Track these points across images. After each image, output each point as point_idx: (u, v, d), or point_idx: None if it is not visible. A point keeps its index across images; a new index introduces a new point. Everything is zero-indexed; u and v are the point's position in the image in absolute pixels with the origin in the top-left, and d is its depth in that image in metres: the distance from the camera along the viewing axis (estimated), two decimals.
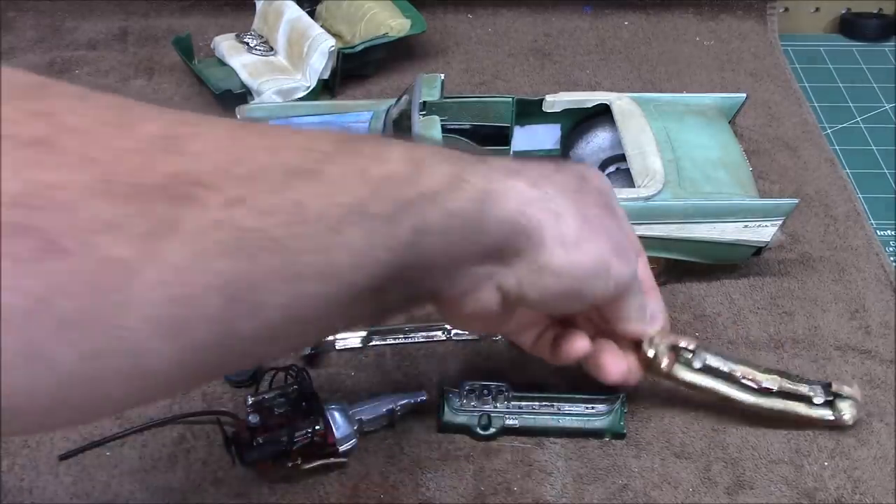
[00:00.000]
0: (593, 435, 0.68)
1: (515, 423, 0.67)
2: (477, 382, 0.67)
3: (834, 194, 1.03)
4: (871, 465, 0.75)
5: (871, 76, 1.30)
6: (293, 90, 1.13)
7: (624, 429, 0.69)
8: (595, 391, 0.66)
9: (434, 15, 1.30)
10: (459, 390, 0.67)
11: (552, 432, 0.68)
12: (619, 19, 1.34)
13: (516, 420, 0.67)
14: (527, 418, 0.67)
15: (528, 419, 0.67)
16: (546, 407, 0.67)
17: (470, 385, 0.67)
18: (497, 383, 0.67)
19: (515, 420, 0.67)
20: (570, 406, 0.68)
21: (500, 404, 0.66)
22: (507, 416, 0.66)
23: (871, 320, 0.88)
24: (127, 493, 0.70)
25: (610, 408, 0.68)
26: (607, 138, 1.00)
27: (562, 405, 0.67)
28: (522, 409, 0.66)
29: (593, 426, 0.68)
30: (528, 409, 0.67)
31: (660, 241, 0.86)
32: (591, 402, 0.67)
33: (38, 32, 1.29)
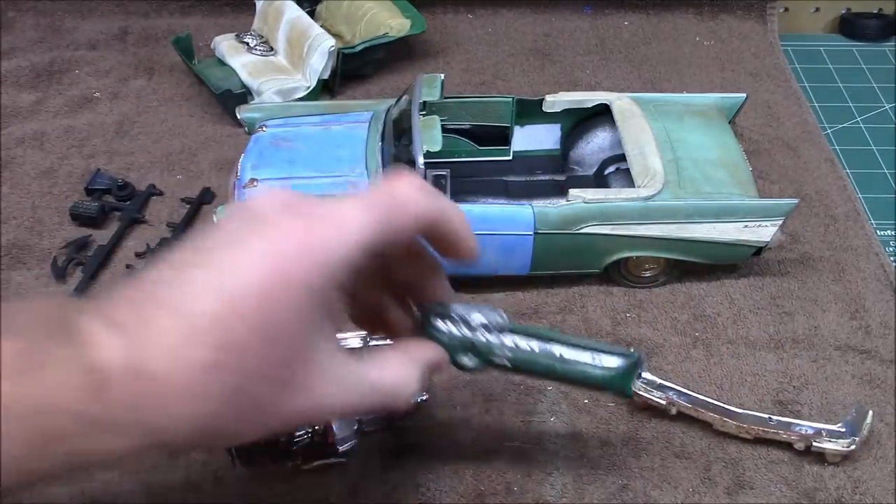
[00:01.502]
0: (594, 388, 0.58)
1: (505, 361, 0.56)
2: (470, 309, 0.54)
3: (834, 194, 1.03)
4: (871, 465, 0.75)
5: (871, 76, 1.30)
6: (293, 90, 1.13)
7: (631, 390, 0.59)
8: (607, 344, 0.58)
9: (434, 15, 1.30)
10: (445, 313, 0.54)
11: (547, 375, 0.57)
12: (619, 19, 1.34)
13: (507, 358, 0.56)
14: (520, 358, 0.56)
15: (522, 359, 0.56)
16: (544, 350, 0.56)
17: (461, 310, 0.54)
18: (494, 315, 0.55)
19: (506, 358, 0.56)
20: (572, 353, 0.57)
21: (492, 337, 0.55)
22: (496, 351, 0.55)
23: (871, 320, 0.88)
24: (127, 493, 0.70)
25: (620, 365, 0.58)
26: (607, 138, 1.00)
27: (564, 350, 0.56)
28: (517, 347, 0.55)
29: (595, 379, 0.57)
30: (523, 350, 0.56)
31: (660, 241, 0.86)
32: (597, 352, 0.57)
33: (38, 32, 1.29)
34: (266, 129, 0.95)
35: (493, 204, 0.90)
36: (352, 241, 0.41)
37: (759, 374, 0.82)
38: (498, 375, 0.81)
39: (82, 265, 0.93)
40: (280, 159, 0.90)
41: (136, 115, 1.13)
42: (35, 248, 0.96)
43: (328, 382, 0.42)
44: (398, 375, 0.48)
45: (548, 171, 1.02)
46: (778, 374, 0.82)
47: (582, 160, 1.02)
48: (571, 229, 0.85)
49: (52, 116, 1.14)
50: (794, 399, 0.80)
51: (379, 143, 0.90)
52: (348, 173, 0.87)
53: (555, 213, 0.84)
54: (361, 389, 0.45)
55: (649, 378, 0.77)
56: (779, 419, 0.75)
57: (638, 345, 0.83)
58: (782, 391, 0.81)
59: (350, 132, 0.93)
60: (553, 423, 0.77)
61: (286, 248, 0.39)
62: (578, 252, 0.87)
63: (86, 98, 1.18)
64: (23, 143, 1.09)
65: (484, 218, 0.85)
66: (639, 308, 0.89)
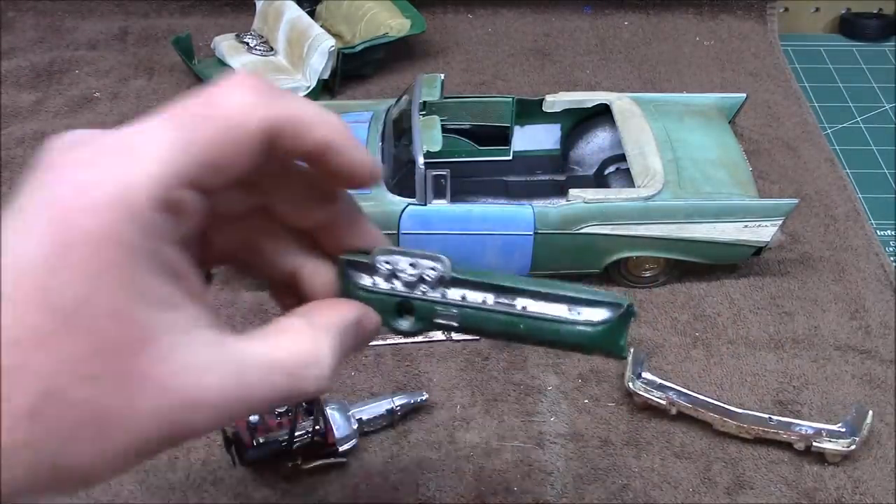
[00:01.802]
0: (575, 348, 0.43)
1: (453, 321, 0.43)
2: (401, 256, 0.41)
3: (834, 194, 1.03)
4: (871, 465, 0.75)
5: (871, 76, 1.30)
6: (293, 90, 1.13)
7: (625, 349, 0.44)
8: (588, 290, 0.42)
9: (434, 15, 1.30)
10: (368, 263, 0.41)
11: (509, 336, 0.43)
12: (619, 19, 1.34)
13: (454, 316, 0.43)
14: (471, 315, 0.42)
15: (473, 316, 0.42)
16: (503, 303, 0.42)
17: (389, 259, 0.41)
18: (430, 262, 0.41)
19: (453, 316, 0.43)
20: (540, 305, 0.42)
21: (433, 292, 0.42)
22: (439, 309, 0.42)
23: (871, 320, 0.88)
24: (127, 493, 0.70)
25: (607, 318, 0.42)
26: (607, 138, 1.00)
27: (528, 302, 0.42)
28: (465, 301, 0.42)
29: (574, 338, 0.42)
30: (475, 305, 0.42)
31: (660, 241, 0.86)
32: (575, 302, 0.41)
33: (38, 32, 1.29)
34: None
35: (493, 204, 0.90)
36: (152, 173, 0.30)
37: (759, 374, 0.82)
38: (497, 374, 0.81)
39: None
40: None
41: (136, 115, 1.12)
42: None
43: (189, 369, 0.31)
44: (299, 348, 0.35)
45: (548, 171, 1.02)
46: (778, 374, 0.82)
47: (582, 160, 1.02)
48: (571, 229, 0.85)
49: (52, 116, 1.14)
50: (794, 399, 0.80)
51: (379, 143, 0.90)
52: None
53: (555, 213, 0.84)
54: (244, 372, 0.32)
55: (649, 378, 0.77)
56: (779, 419, 0.75)
57: (638, 345, 0.83)
58: (782, 391, 0.81)
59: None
60: (553, 423, 0.77)
61: (63, 194, 0.29)
62: (578, 252, 0.87)
63: (86, 98, 1.18)
64: (23, 143, 1.09)
65: (484, 218, 0.85)
66: (639, 308, 0.88)
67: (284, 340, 0.35)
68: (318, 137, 0.35)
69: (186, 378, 0.31)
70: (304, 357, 0.35)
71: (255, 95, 0.33)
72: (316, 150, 0.35)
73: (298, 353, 0.35)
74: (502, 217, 0.85)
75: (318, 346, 0.36)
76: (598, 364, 0.83)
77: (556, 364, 0.82)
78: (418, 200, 0.84)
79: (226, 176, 0.33)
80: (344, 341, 0.37)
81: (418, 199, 0.84)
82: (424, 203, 0.84)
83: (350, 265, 0.41)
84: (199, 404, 0.31)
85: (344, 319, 0.38)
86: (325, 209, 0.39)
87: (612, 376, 0.81)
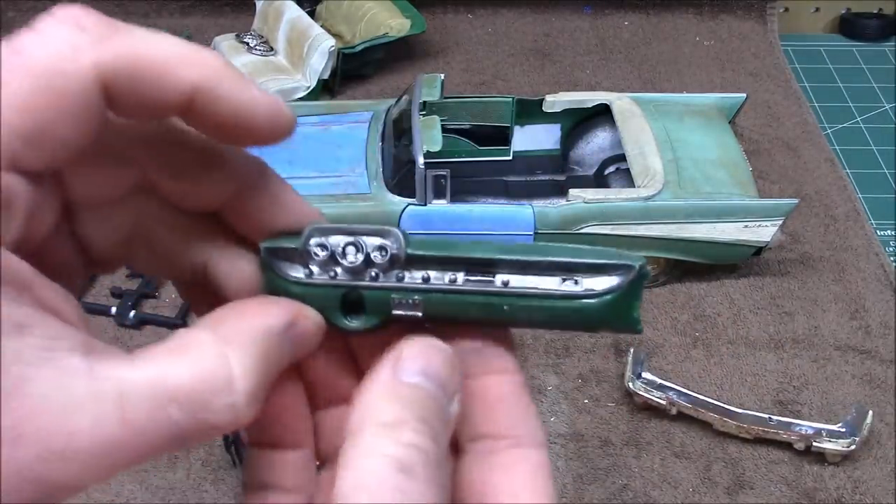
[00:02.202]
0: (577, 326, 0.31)
1: (415, 310, 0.32)
2: (335, 234, 0.32)
3: (834, 194, 1.03)
4: (871, 465, 0.75)
5: (871, 76, 1.30)
6: (293, 90, 1.13)
7: (639, 322, 0.32)
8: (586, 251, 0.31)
9: (434, 15, 1.30)
10: (298, 250, 0.32)
11: (491, 322, 0.32)
12: (619, 19, 1.34)
13: (417, 304, 0.32)
14: (438, 301, 0.32)
15: (441, 302, 0.32)
16: (478, 282, 0.32)
17: (320, 242, 0.32)
18: (378, 239, 0.32)
19: (415, 304, 0.32)
20: (527, 279, 0.32)
21: (385, 275, 0.32)
22: (396, 297, 0.32)
23: (871, 320, 0.88)
24: (127, 493, 0.70)
25: (613, 284, 0.32)
26: (607, 138, 1.00)
27: (509, 276, 0.32)
28: (429, 284, 0.32)
29: (575, 313, 0.32)
30: (441, 287, 0.32)
31: (660, 241, 0.86)
32: (570, 270, 0.32)
33: None
34: None
35: (493, 204, 0.90)
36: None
37: (759, 374, 0.82)
38: None
39: None
40: (280, 159, 0.90)
41: None
42: None
43: (48, 410, 0.23)
44: (201, 370, 0.26)
45: (548, 171, 1.02)
46: (778, 374, 0.82)
47: (582, 160, 1.02)
48: (571, 229, 0.85)
49: None
50: (794, 399, 0.80)
51: (379, 143, 0.90)
52: (348, 173, 0.87)
53: (555, 213, 0.84)
54: (126, 408, 0.24)
55: (649, 378, 0.77)
56: (779, 419, 0.75)
57: (638, 345, 0.83)
58: (782, 391, 0.81)
59: (350, 132, 0.93)
60: (553, 423, 0.77)
61: None
62: None
63: None
64: None
65: (484, 218, 0.85)
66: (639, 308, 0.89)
67: (182, 361, 0.26)
68: (181, 81, 0.26)
69: (45, 422, 0.23)
70: (209, 381, 0.26)
71: (81, 33, 0.25)
72: (182, 99, 0.26)
73: (201, 376, 0.26)
74: (502, 217, 0.85)
75: (228, 365, 0.27)
76: (598, 364, 0.83)
77: (556, 364, 0.82)
78: (418, 200, 0.84)
79: (56, 149, 0.25)
80: (269, 355, 0.28)
81: (418, 199, 0.84)
82: (424, 203, 0.84)
83: (273, 254, 0.32)
84: (68, 456, 0.23)
85: (265, 326, 0.28)
86: (219, 180, 0.30)
87: (612, 376, 0.81)
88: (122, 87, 0.25)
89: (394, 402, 0.26)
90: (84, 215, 0.29)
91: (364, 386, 0.27)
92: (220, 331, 0.27)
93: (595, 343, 0.85)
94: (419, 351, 0.28)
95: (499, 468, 0.28)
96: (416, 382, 0.27)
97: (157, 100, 0.26)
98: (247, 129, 0.27)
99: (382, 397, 0.26)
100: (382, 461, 0.24)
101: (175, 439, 0.25)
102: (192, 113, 0.26)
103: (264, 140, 0.27)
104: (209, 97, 0.26)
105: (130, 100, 0.25)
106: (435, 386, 0.27)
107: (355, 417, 0.26)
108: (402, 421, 0.25)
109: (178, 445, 0.25)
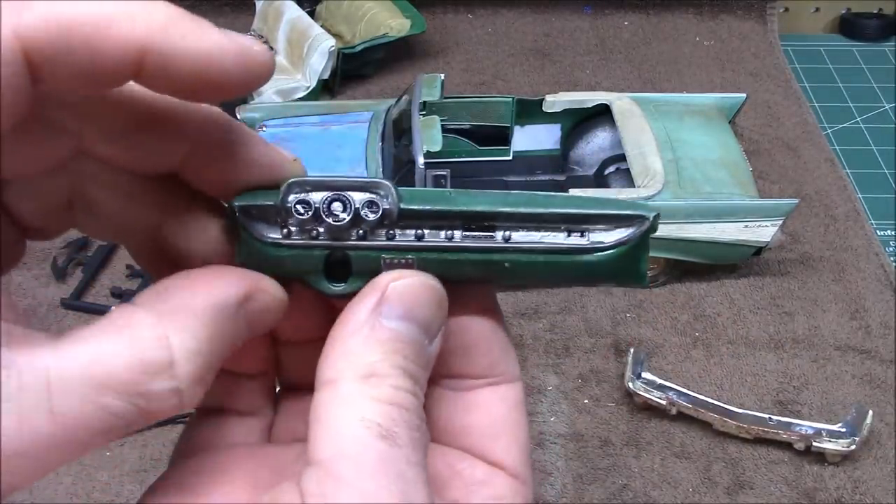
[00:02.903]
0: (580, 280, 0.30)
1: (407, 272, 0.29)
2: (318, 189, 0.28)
3: (834, 194, 1.03)
4: (871, 465, 0.75)
5: (871, 76, 1.30)
6: (293, 90, 1.13)
7: (646, 276, 0.30)
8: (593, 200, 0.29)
9: (434, 15, 1.30)
10: (276, 207, 0.28)
11: (490, 279, 0.30)
12: (619, 19, 1.34)
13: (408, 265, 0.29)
14: (434, 260, 0.29)
15: (437, 261, 0.29)
16: (479, 236, 0.29)
17: (301, 198, 0.28)
18: (366, 193, 0.28)
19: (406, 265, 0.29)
20: (530, 234, 0.29)
21: (374, 234, 0.29)
22: (386, 257, 0.29)
23: (871, 320, 0.88)
24: (127, 493, 0.70)
25: (622, 237, 0.30)
26: (607, 138, 1.00)
27: (513, 233, 0.29)
28: (423, 242, 0.29)
29: (580, 268, 0.30)
30: (438, 243, 0.29)
31: (660, 241, 0.86)
32: (576, 221, 0.29)
33: None
34: (266, 129, 0.95)
35: None
36: None
37: (759, 374, 0.82)
38: None
39: (82, 265, 0.93)
40: None
41: None
42: (35, 247, 0.96)
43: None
44: (138, 351, 0.23)
45: (548, 171, 1.02)
46: (778, 374, 0.82)
47: (582, 160, 1.02)
48: None
49: None
50: (794, 399, 0.80)
51: (379, 143, 0.90)
52: (348, 173, 0.87)
53: None
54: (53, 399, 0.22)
55: (649, 378, 0.77)
56: (779, 419, 0.75)
57: (638, 345, 0.83)
58: (782, 391, 0.81)
59: (350, 132, 0.93)
60: (553, 423, 0.77)
61: None
62: None
63: None
64: None
65: None
66: (639, 308, 0.89)
67: (115, 344, 0.23)
68: (123, 41, 0.22)
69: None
70: (147, 365, 0.23)
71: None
72: (129, 62, 0.22)
73: (137, 360, 0.23)
74: None
75: (168, 347, 0.23)
76: (598, 364, 0.83)
77: (556, 364, 0.82)
78: None
79: None
80: (218, 334, 0.24)
81: None
82: None
83: (246, 213, 0.28)
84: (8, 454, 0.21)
85: (214, 302, 0.25)
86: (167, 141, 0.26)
87: (612, 376, 0.81)
88: (54, 56, 0.21)
89: (373, 348, 0.24)
90: (12, 186, 0.26)
91: (341, 325, 0.24)
92: (161, 307, 0.24)
93: (595, 343, 0.85)
94: (405, 289, 0.25)
95: (476, 409, 0.27)
96: (399, 327, 0.24)
97: (99, 67, 0.22)
98: (214, 82, 0.23)
99: (360, 343, 0.24)
100: (363, 428, 0.22)
101: (113, 430, 0.23)
102: (145, 75, 0.23)
103: (236, 90, 0.24)
104: (162, 54, 0.22)
105: (66, 71, 0.22)
106: (419, 330, 0.25)
107: (329, 363, 0.23)
108: (382, 373, 0.23)
109: (119, 435, 0.23)
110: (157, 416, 0.23)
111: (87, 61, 0.22)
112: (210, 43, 0.23)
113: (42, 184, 0.26)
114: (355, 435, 0.22)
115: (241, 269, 0.26)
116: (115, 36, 0.22)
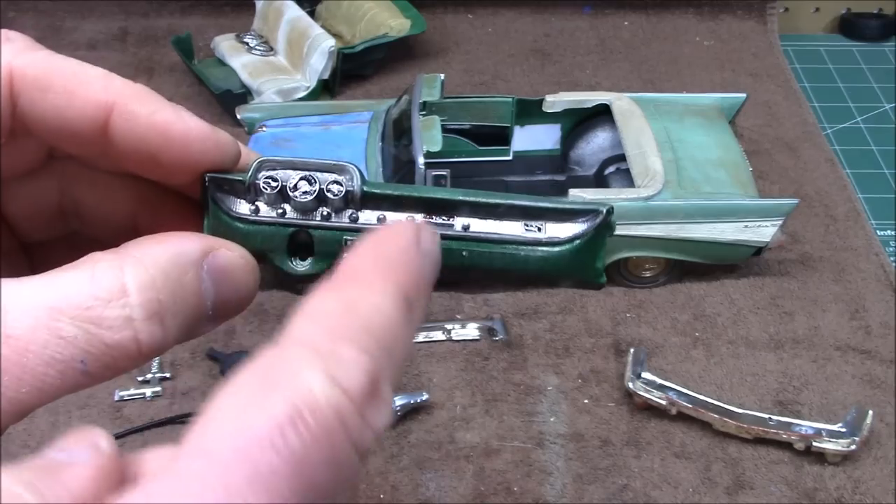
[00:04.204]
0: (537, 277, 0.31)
1: None
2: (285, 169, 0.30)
3: (834, 194, 1.03)
4: (871, 465, 0.75)
5: (871, 76, 1.30)
6: (293, 90, 1.13)
7: (602, 274, 0.32)
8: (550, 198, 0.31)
9: (434, 15, 1.30)
10: (244, 183, 0.29)
11: (453, 270, 0.31)
12: (619, 19, 1.34)
13: None
14: None
15: None
16: (438, 223, 0.31)
17: (269, 176, 0.29)
18: (331, 174, 0.29)
19: None
20: (488, 223, 0.31)
21: (338, 214, 0.30)
22: (348, 238, 0.30)
23: (871, 320, 0.88)
24: None
25: (578, 231, 0.31)
26: (607, 138, 1.00)
27: (470, 219, 0.30)
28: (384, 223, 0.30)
29: (536, 261, 0.31)
30: None
31: (660, 241, 0.86)
32: (533, 215, 0.31)
33: (38, 32, 1.29)
34: (266, 129, 0.95)
35: None
36: None
37: (759, 374, 0.82)
38: (497, 375, 0.81)
39: None
40: None
41: None
42: None
43: None
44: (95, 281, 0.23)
45: (548, 171, 1.02)
46: (778, 374, 0.82)
47: (582, 160, 1.02)
48: None
49: None
50: (794, 399, 0.80)
51: (379, 143, 0.90)
52: None
53: None
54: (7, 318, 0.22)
55: (649, 378, 0.77)
56: (779, 419, 0.75)
57: (638, 345, 0.83)
58: (782, 391, 0.81)
59: (350, 132, 0.93)
60: (553, 423, 0.77)
61: None
62: None
63: None
64: None
65: None
66: (639, 308, 0.89)
67: (73, 274, 0.23)
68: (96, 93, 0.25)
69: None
70: (99, 291, 0.23)
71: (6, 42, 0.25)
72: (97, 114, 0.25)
73: (90, 286, 0.23)
74: None
75: (121, 276, 0.24)
76: (598, 364, 0.83)
77: (556, 364, 0.82)
78: None
79: None
80: (179, 276, 0.25)
81: None
82: None
83: (217, 186, 0.29)
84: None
85: (173, 250, 0.25)
86: None
87: (612, 376, 0.81)
88: (34, 92, 0.24)
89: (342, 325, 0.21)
90: (6, 193, 0.27)
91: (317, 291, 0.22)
92: (122, 252, 0.25)
93: (595, 343, 0.85)
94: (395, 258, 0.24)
95: None
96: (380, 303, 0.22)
97: (71, 112, 0.25)
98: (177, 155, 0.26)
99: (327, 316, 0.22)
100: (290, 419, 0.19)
101: (73, 363, 0.22)
102: (109, 134, 0.25)
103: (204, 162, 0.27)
104: (126, 114, 0.25)
105: (42, 109, 0.25)
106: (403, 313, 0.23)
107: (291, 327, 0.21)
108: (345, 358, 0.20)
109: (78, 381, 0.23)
110: (117, 353, 0.23)
111: (61, 104, 0.24)
112: (174, 115, 0.25)
113: (32, 188, 0.28)
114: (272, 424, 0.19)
115: (209, 236, 0.28)
116: (89, 87, 0.25)
